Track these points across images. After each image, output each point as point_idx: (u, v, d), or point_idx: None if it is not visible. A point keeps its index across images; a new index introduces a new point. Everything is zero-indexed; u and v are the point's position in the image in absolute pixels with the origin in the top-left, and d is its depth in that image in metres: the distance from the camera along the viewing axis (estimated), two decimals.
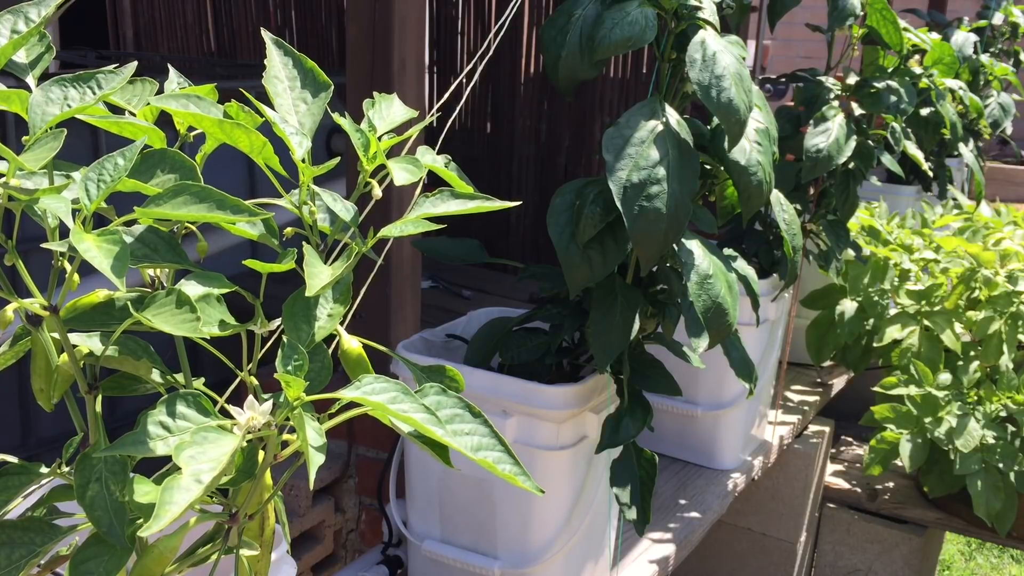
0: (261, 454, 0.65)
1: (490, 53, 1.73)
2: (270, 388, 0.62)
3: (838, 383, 2.71)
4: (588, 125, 3.19)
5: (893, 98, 1.94)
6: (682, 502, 1.91)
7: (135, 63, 0.64)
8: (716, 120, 1.28)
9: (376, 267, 1.48)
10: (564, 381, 1.34)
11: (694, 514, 1.87)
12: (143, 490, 0.61)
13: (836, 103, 1.95)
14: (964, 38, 2.94)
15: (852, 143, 1.89)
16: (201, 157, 0.68)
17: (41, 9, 0.61)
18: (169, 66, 0.75)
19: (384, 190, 0.71)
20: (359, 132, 0.69)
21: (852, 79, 2.02)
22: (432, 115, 1.02)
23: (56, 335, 0.64)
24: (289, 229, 0.70)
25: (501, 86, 3.30)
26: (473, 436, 0.64)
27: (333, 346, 0.76)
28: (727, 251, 1.38)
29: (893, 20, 1.88)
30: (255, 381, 0.68)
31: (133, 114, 0.68)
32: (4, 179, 0.57)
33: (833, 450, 2.91)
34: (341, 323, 0.71)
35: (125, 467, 0.62)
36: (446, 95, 1.71)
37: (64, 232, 0.57)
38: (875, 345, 2.52)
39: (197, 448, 0.55)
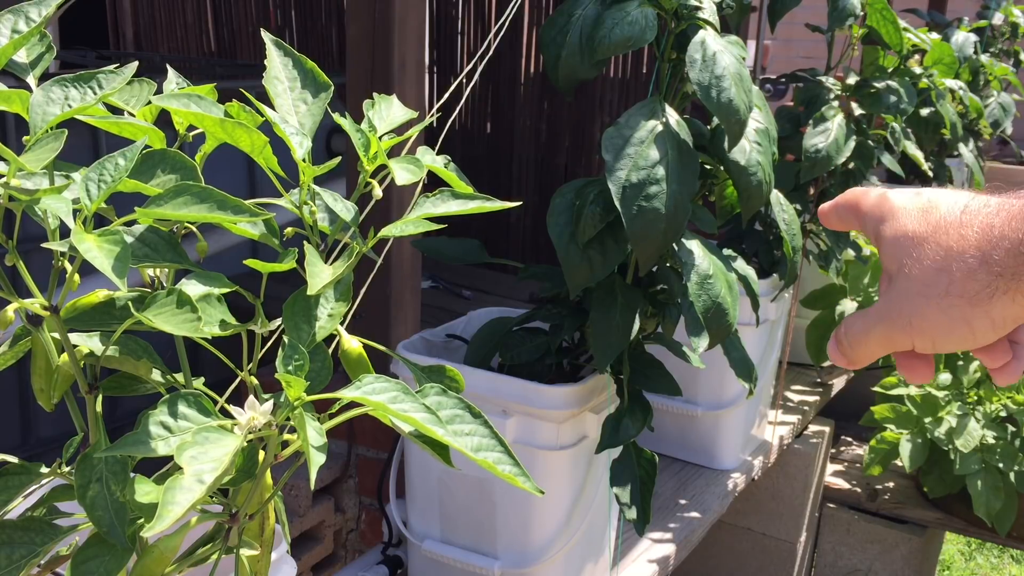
0: (261, 454, 0.64)
1: (490, 53, 1.72)
2: (270, 388, 0.62)
3: (838, 383, 2.71)
4: (588, 125, 3.19)
5: (893, 98, 1.95)
6: (682, 502, 1.91)
7: (136, 63, 0.64)
8: (716, 120, 1.28)
9: (376, 267, 1.48)
10: (564, 381, 1.34)
11: (694, 514, 1.87)
12: (144, 490, 0.61)
13: (836, 103, 1.95)
14: (964, 38, 2.94)
15: (851, 143, 1.89)
16: (201, 157, 0.68)
17: (42, 9, 0.61)
18: (168, 66, 0.75)
19: (384, 190, 0.71)
20: (359, 132, 0.69)
21: (852, 79, 2.02)
22: (432, 115, 1.02)
23: (56, 335, 0.64)
24: (289, 229, 0.70)
25: (501, 86, 3.31)
26: (473, 436, 0.64)
27: (333, 346, 0.76)
28: (727, 251, 1.38)
29: (893, 20, 1.88)
30: (255, 381, 0.68)
31: (132, 114, 0.68)
32: (5, 179, 0.57)
33: (833, 450, 2.91)
34: (341, 323, 0.71)
35: (126, 467, 0.61)
36: (446, 95, 1.70)
37: (65, 232, 0.57)
38: None
39: (199, 448, 0.54)
